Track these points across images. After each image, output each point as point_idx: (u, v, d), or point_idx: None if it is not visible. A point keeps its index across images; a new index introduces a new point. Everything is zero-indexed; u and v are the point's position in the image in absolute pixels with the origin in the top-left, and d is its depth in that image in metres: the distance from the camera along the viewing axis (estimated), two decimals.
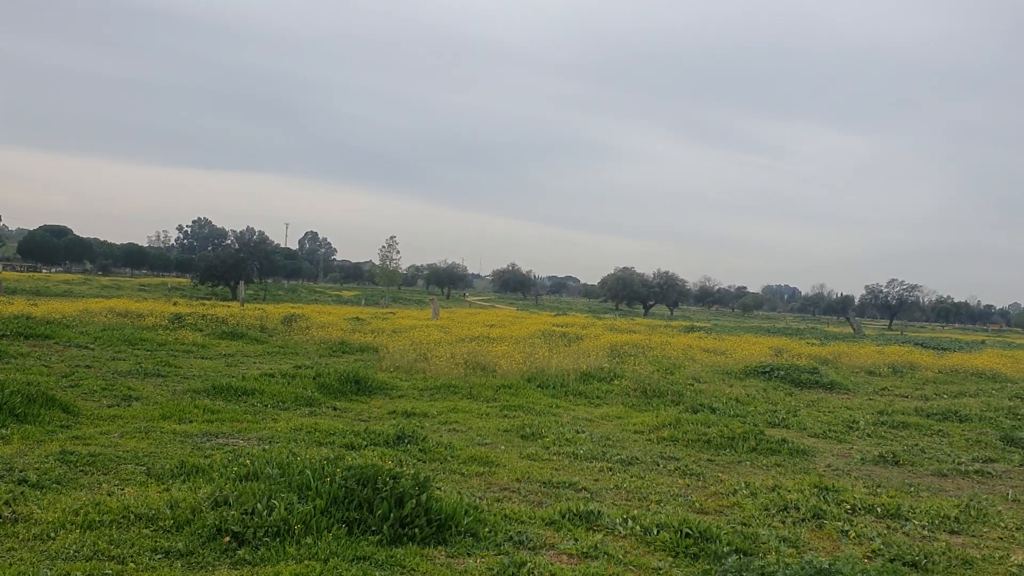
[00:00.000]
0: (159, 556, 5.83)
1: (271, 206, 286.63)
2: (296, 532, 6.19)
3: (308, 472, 7.09)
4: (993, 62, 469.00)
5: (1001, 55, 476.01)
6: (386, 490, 6.75)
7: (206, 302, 46.45)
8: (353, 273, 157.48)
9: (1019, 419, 16.15)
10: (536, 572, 5.96)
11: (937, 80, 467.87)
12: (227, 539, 6.09)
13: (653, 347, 27.68)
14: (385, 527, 6.46)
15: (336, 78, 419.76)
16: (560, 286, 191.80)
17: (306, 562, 5.75)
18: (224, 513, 6.39)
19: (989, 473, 11.33)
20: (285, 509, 6.39)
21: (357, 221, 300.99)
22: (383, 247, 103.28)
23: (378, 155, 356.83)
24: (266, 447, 9.55)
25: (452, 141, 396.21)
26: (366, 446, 10.07)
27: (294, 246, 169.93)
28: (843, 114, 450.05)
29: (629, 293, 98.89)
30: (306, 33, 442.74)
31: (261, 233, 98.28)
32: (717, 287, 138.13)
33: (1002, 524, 8.52)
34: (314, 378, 15.35)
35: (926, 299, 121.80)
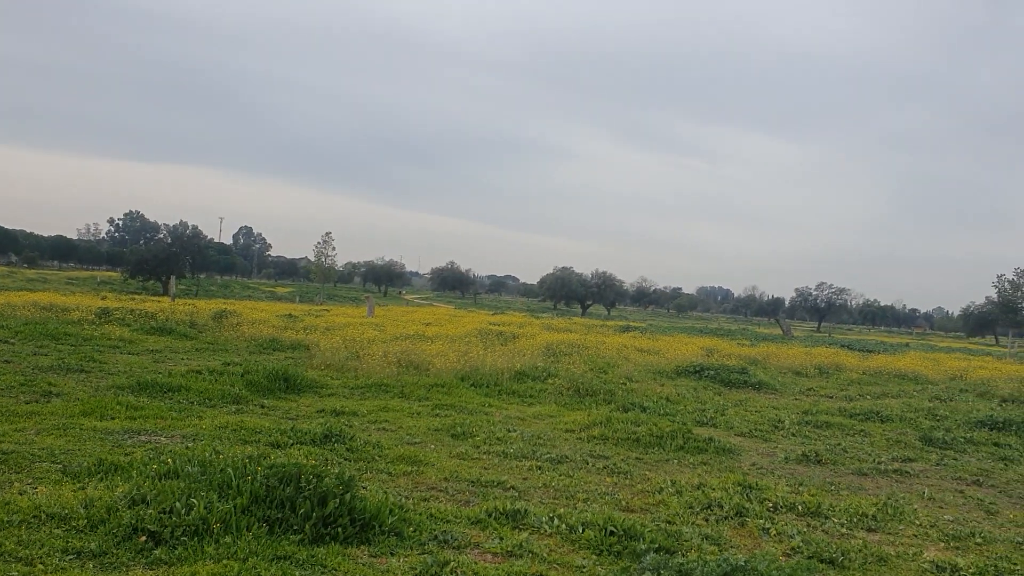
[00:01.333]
0: (70, 557, 5.66)
1: (206, 200, 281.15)
2: (215, 531, 6.08)
3: (230, 470, 6.97)
4: (924, 72, 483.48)
5: (932, 65, 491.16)
6: (309, 489, 6.66)
7: (136, 297, 45.41)
8: (288, 269, 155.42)
9: (938, 420, 16.64)
10: (459, 571, 5.95)
11: (870, 89, 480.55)
12: (143, 539, 5.94)
13: (588, 346, 27.85)
14: (307, 526, 6.38)
15: (273, 71, 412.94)
16: (499, 285, 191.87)
17: (224, 561, 5.64)
18: (141, 512, 6.24)
19: (907, 472, 11.64)
20: (205, 508, 6.27)
21: (293, 216, 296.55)
22: (319, 243, 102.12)
23: (316, 150, 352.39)
24: (189, 445, 9.37)
25: (392, 137, 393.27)
26: (292, 445, 9.93)
27: (228, 241, 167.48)
28: (779, 120, 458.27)
29: (567, 293, 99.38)
30: (243, 24, 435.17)
31: (195, 227, 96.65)
32: (653, 288, 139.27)
33: (917, 522, 8.76)
34: (242, 375, 15.09)
35: (853, 302, 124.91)
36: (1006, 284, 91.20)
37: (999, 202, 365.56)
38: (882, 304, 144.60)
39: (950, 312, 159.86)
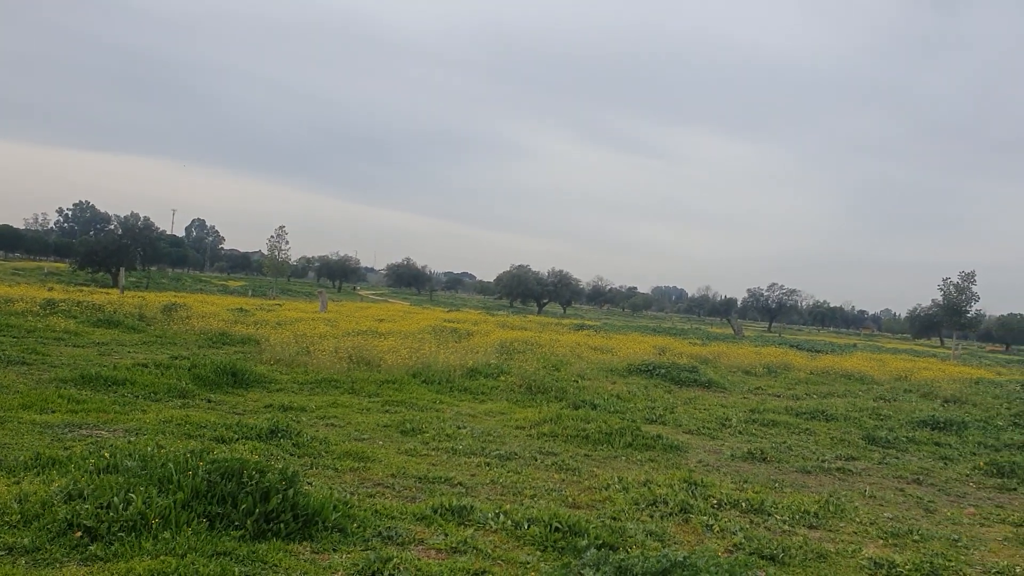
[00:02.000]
0: (1, 553, 5.52)
1: (158, 191, 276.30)
2: (154, 526, 5.97)
3: (171, 465, 6.85)
4: (878, 79, 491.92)
5: (885, 72, 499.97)
6: (251, 484, 6.58)
7: (84, 288, 44.57)
8: (241, 263, 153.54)
9: (882, 419, 16.98)
10: (402, 567, 5.91)
11: (825, 94, 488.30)
12: (79, 534, 5.82)
13: (542, 344, 27.87)
14: (249, 522, 6.30)
15: (229, 62, 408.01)
16: (456, 282, 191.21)
17: (162, 557, 5.54)
18: (77, 507, 6.10)
19: (850, 470, 11.86)
20: (143, 503, 6.15)
21: (247, 209, 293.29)
22: (272, 237, 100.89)
23: (272, 143, 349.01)
24: (131, 439, 9.19)
25: (349, 132, 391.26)
26: (237, 440, 9.81)
27: (181, 233, 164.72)
28: (735, 123, 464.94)
29: (524, 291, 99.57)
30: (198, 13, 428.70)
31: (146, 219, 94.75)
32: (609, 287, 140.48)
33: (858, 519, 8.93)
34: (189, 369, 14.86)
35: (804, 303, 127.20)
36: (951, 287, 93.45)
37: (946, 206, 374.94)
38: (831, 305, 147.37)
39: (897, 314, 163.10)
